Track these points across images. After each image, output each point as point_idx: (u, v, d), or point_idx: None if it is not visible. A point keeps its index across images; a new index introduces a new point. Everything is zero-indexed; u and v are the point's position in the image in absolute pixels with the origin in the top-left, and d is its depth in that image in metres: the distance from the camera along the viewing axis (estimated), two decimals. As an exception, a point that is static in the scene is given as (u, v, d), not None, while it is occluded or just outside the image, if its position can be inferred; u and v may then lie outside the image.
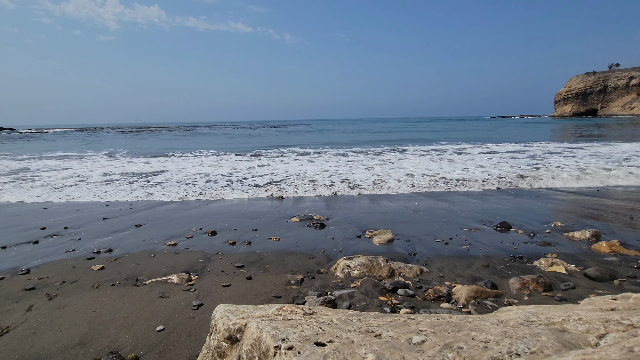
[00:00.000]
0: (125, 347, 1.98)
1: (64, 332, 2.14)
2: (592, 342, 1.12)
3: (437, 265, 3.19)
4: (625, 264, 3.12)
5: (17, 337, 2.10)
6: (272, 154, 14.34)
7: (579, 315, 1.30)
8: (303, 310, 1.45)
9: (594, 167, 8.68)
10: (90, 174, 9.47)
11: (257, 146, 18.79)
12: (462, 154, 13.02)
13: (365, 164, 10.32)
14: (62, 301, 2.56)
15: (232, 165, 10.75)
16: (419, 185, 7.32)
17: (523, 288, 2.63)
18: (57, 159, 13.71)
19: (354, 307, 2.40)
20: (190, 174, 9.10)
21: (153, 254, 3.60)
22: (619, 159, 10.29)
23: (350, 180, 7.82)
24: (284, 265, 3.24)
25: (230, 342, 1.39)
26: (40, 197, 6.80)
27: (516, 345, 1.08)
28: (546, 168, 8.86)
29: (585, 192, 6.50)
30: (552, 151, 12.86)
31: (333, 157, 12.68)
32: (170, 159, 13.16)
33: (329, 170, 9.22)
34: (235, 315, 1.44)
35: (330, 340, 1.18)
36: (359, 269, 3.01)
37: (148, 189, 7.34)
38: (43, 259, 3.49)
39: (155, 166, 10.96)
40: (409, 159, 11.41)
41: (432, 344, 1.14)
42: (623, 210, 4.98)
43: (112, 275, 3.05)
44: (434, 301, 2.48)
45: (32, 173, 9.93)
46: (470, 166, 9.56)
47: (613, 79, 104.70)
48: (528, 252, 3.49)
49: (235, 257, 3.47)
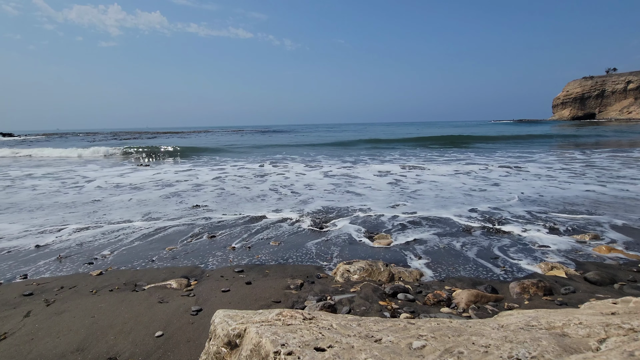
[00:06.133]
0: (123, 353, 1.96)
1: (62, 338, 2.12)
2: (592, 347, 1.11)
3: (438, 269, 3.19)
4: (625, 267, 3.12)
5: (14, 343, 2.08)
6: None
7: (579, 320, 1.30)
8: (303, 315, 1.44)
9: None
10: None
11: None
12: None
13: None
14: (60, 307, 2.54)
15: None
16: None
17: (523, 292, 2.62)
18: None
19: (354, 311, 2.39)
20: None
21: (152, 258, 3.59)
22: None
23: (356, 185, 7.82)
24: (283, 270, 3.23)
25: (229, 347, 1.38)
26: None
27: (517, 350, 1.08)
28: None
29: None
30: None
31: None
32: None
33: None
34: (235, 321, 1.43)
35: (330, 346, 1.17)
36: (359, 274, 3.01)
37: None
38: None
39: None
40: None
41: (433, 349, 1.14)
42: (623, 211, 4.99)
43: (111, 281, 3.04)
44: (434, 306, 2.48)
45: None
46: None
47: (610, 84, 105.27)
48: (528, 255, 3.49)
49: (235, 262, 3.46)
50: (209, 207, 5.86)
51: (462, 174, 9.00)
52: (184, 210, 5.62)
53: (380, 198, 6.42)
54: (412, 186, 7.53)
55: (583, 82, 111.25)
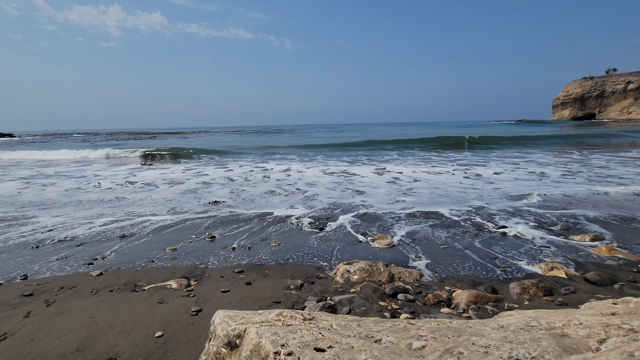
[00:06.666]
0: (123, 354, 1.96)
1: (62, 338, 2.12)
2: (592, 347, 1.11)
3: (438, 270, 3.19)
4: (625, 267, 3.12)
5: (14, 343, 2.08)
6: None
7: (579, 320, 1.30)
8: (302, 316, 1.44)
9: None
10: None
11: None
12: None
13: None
14: (60, 307, 2.54)
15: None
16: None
17: (523, 293, 2.62)
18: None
19: (354, 312, 2.38)
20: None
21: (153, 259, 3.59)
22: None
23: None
24: (283, 270, 3.23)
25: (229, 348, 1.38)
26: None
27: (517, 350, 1.08)
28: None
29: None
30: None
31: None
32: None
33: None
34: (235, 321, 1.43)
35: (330, 346, 1.17)
36: (359, 274, 3.00)
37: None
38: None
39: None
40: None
41: (433, 349, 1.14)
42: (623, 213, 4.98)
43: (111, 281, 3.04)
44: (434, 306, 2.47)
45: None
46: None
47: (610, 84, 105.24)
48: (528, 255, 3.49)
49: (235, 263, 3.46)
50: (227, 202, 6.39)
51: (459, 173, 9.01)
52: (205, 206, 6.15)
53: (380, 196, 6.53)
54: (408, 184, 7.56)
55: (583, 82, 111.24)
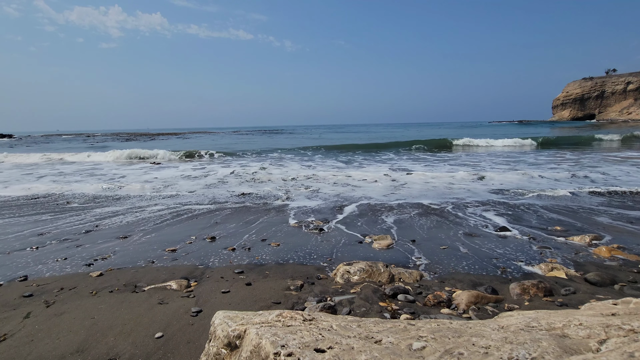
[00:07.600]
0: (123, 355, 1.96)
1: (61, 339, 2.12)
2: (593, 348, 1.11)
3: (437, 270, 3.18)
4: (625, 268, 3.12)
5: (14, 344, 2.08)
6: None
7: (579, 321, 1.30)
8: (303, 317, 1.44)
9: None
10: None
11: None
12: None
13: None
14: (60, 308, 2.54)
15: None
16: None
17: (523, 293, 2.62)
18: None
19: (354, 313, 2.38)
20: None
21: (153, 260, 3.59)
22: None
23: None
24: (283, 271, 3.23)
25: (229, 348, 1.38)
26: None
27: (517, 351, 1.08)
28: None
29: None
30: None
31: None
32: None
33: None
34: (235, 322, 1.43)
35: (330, 347, 1.17)
36: (359, 275, 3.00)
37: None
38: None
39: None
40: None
41: (433, 350, 1.13)
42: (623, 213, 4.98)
43: (111, 282, 3.03)
44: (434, 307, 2.47)
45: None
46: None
47: (610, 84, 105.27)
48: (528, 256, 3.48)
49: (235, 263, 3.46)
50: (252, 193, 7.25)
51: (456, 173, 9.02)
52: (236, 197, 6.97)
53: (377, 190, 6.73)
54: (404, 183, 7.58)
55: (583, 83, 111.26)
